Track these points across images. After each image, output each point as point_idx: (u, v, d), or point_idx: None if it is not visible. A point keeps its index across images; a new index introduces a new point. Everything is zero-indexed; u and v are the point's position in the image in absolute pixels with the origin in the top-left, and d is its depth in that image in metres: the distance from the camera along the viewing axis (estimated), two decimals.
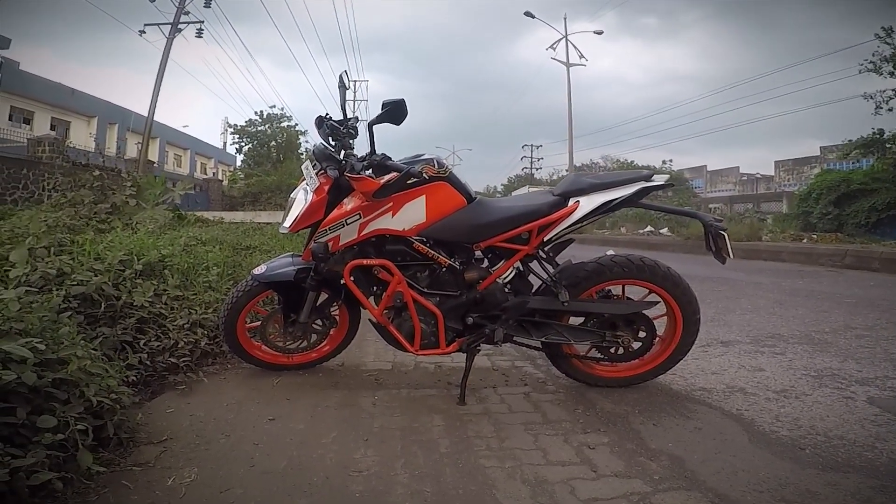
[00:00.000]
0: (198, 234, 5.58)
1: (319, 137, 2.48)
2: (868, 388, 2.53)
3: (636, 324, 2.46)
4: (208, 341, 2.86)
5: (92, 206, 6.31)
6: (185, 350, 2.69)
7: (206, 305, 3.10)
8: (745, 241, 11.71)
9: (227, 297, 2.74)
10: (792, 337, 3.57)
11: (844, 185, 17.04)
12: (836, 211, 17.02)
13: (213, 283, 3.48)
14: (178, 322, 2.82)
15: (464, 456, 1.88)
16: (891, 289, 5.95)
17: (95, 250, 3.17)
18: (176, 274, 3.32)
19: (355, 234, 2.34)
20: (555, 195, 2.37)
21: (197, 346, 2.77)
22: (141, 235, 4.21)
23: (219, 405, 2.31)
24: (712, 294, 5.38)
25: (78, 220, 5.32)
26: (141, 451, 1.86)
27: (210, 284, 3.45)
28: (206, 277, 3.53)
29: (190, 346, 2.73)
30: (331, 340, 2.82)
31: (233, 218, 11.89)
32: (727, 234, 2.31)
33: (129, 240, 3.80)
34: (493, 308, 2.42)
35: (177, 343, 2.69)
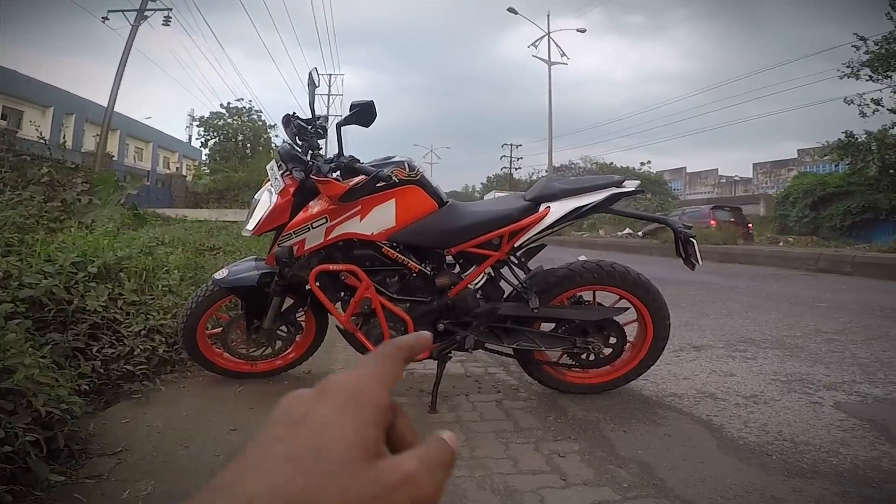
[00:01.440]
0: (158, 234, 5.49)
1: (286, 136, 2.48)
2: (835, 393, 2.62)
3: (607, 330, 2.51)
4: (167, 348, 2.82)
5: (41, 203, 6.15)
6: (142, 357, 2.65)
7: (165, 311, 3.05)
8: (722, 245, 11.96)
9: (186, 302, 2.71)
10: (764, 341, 3.68)
11: (820, 189, 17.56)
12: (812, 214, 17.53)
13: (173, 287, 3.44)
14: (135, 328, 2.77)
15: None
16: (862, 293, 6.15)
17: (46, 251, 3.10)
18: (133, 277, 3.26)
19: (321, 238, 2.34)
20: (526, 200, 2.40)
21: (154, 354, 2.73)
22: (96, 236, 4.13)
23: (177, 415, 2.28)
24: (688, 298, 5.49)
25: (27, 218, 5.19)
26: (94, 463, 1.83)
27: (170, 288, 3.41)
28: (165, 281, 3.48)
29: (147, 354, 2.69)
30: (297, 347, 2.81)
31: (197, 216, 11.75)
32: (696, 241, 2.37)
33: (83, 241, 3.73)
34: (464, 314, 2.44)
35: (132, 350, 2.65)
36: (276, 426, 0.29)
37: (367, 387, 0.31)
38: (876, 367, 3.06)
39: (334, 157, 2.34)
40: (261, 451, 0.28)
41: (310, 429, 0.29)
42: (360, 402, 0.30)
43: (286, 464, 0.27)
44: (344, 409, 0.30)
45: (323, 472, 0.27)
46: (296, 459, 0.27)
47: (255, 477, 0.27)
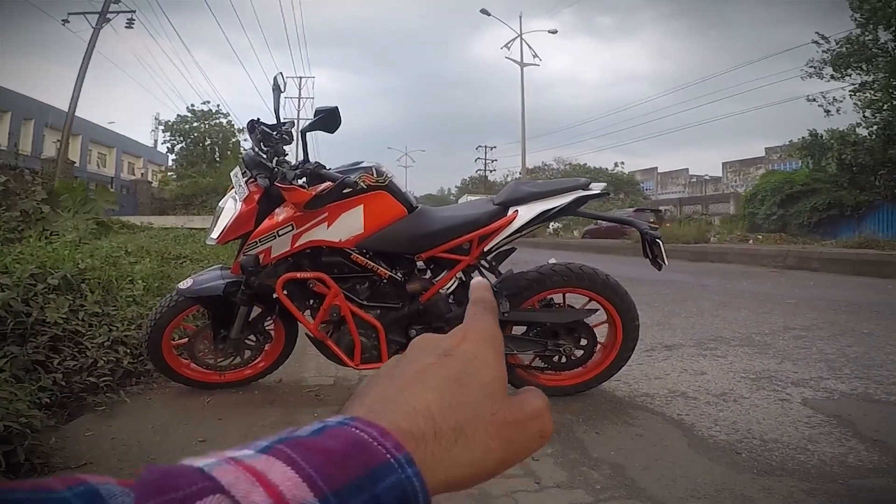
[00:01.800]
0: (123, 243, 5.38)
1: (251, 142, 2.46)
2: (803, 390, 2.69)
3: (577, 332, 2.53)
4: (132, 360, 2.78)
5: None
6: (106, 369, 2.60)
7: (130, 322, 3.01)
8: (693, 244, 12.17)
9: (151, 312, 2.67)
10: (734, 339, 3.75)
11: (787, 187, 18.02)
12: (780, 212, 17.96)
13: (137, 298, 3.38)
14: (98, 340, 2.73)
15: None
16: (828, 288, 6.32)
17: (2, 263, 3.02)
18: (96, 288, 3.20)
19: (288, 245, 2.32)
20: (495, 204, 2.42)
21: (119, 365, 2.69)
22: (56, 246, 4.03)
23: (144, 427, 2.24)
24: (659, 297, 5.58)
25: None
26: None
27: (134, 299, 3.35)
28: (130, 292, 3.42)
29: (111, 365, 2.64)
30: (266, 356, 2.78)
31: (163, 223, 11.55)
32: (662, 242, 2.41)
33: (43, 251, 3.64)
34: (436, 319, 2.44)
35: (95, 362, 2.60)
36: (427, 356, 0.34)
37: (495, 331, 0.37)
38: (842, 362, 3.14)
39: (299, 164, 2.32)
40: (420, 373, 0.32)
41: (461, 359, 0.33)
42: (494, 342, 0.36)
43: (449, 384, 0.31)
44: (485, 346, 0.35)
45: (479, 394, 0.32)
46: (456, 380, 0.32)
47: (424, 391, 0.31)
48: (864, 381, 2.80)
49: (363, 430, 0.27)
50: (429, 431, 0.29)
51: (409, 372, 0.32)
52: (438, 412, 0.30)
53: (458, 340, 0.35)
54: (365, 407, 0.30)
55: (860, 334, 3.84)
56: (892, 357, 3.23)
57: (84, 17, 19.15)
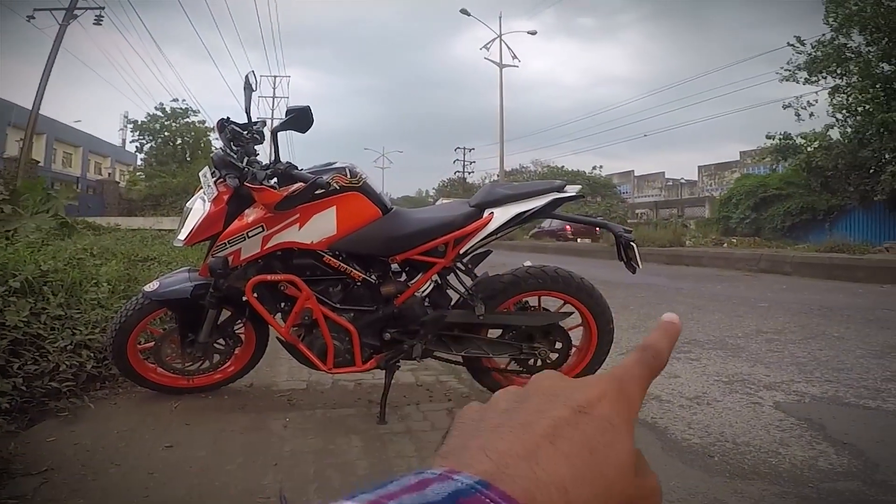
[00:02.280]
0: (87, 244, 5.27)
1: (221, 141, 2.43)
2: (774, 393, 2.74)
3: (552, 335, 2.55)
4: (96, 364, 2.73)
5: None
6: (68, 374, 2.55)
7: (94, 325, 2.95)
8: (669, 247, 12.36)
9: (115, 315, 2.62)
10: (707, 342, 3.82)
11: (762, 190, 18.36)
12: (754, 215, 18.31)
13: (102, 301, 3.31)
14: (60, 343, 2.66)
15: (383, 478, 1.87)
16: (800, 292, 6.46)
17: None
18: (59, 291, 3.13)
19: (258, 247, 2.30)
20: (471, 206, 2.42)
21: (82, 370, 2.64)
22: (18, 247, 3.93)
23: (108, 432, 2.21)
24: (635, 300, 5.65)
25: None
26: (17, 483, 1.75)
27: (99, 302, 3.28)
28: (94, 294, 3.35)
29: (74, 370, 2.59)
30: (236, 360, 2.74)
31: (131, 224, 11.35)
32: (636, 245, 2.44)
33: (3, 253, 3.55)
34: (411, 323, 2.44)
35: (58, 366, 2.54)
36: (557, 405, 0.30)
37: (640, 395, 0.32)
38: (813, 365, 3.22)
39: (270, 164, 2.30)
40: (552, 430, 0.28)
41: (599, 422, 0.29)
42: (633, 406, 0.31)
43: (583, 451, 0.28)
44: (625, 411, 0.30)
45: (613, 472, 0.28)
46: (591, 449, 0.28)
47: (557, 457, 0.27)
48: (835, 385, 2.86)
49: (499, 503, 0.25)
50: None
51: (539, 425, 0.28)
52: (572, 487, 0.26)
53: (597, 396, 0.30)
54: (491, 462, 0.26)
55: (831, 338, 3.94)
56: (861, 360, 3.32)
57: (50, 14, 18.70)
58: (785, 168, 17.63)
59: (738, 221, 18.80)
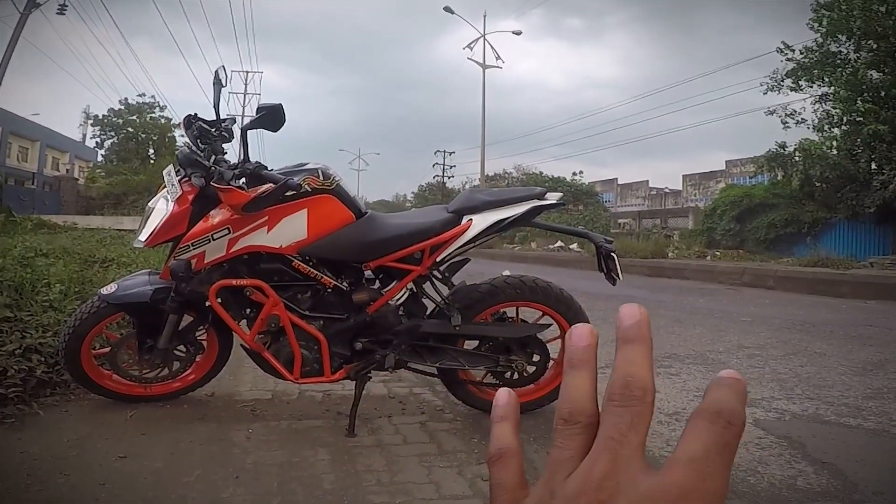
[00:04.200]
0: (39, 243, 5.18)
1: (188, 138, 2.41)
2: (755, 410, 2.79)
3: (530, 347, 2.56)
4: (46, 369, 2.67)
5: None
6: (17, 379, 2.49)
7: (45, 328, 2.90)
8: (652, 259, 12.52)
9: (69, 319, 2.57)
10: (688, 357, 3.87)
11: (747, 201, 18.66)
12: (738, 227, 18.59)
13: (54, 303, 3.26)
14: (8, 347, 2.62)
15: (350, 492, 1.88)
16: (783, 307, 6.59)
17: None
18: (6, 291, 3.06)
19: (223, 250, 2.28)
20: (449, 212, 2.43)
21: (31, 375, 2.58)
22: None
23: (58, 441, 2.18)
24: (615, 313, 5.68)
25: None
26: None
27: (51, 304, 3.23)
28: (46, 296, 3.29)
29: (22, 375, 2.53)
30: (197, 368, 2.71)
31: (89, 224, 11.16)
32: (617, 256, 2.47)
33: None
34: (384, 332, 2.43)
35: (5, 371, 2.49)
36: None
37: (720, 483, 0.26)
38: (794, 382, 3.28)
39: (239, 164, 2.29)
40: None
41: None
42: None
43: None
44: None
45: None
46: None
47: None
48: (815, 402, 2.92)
49: None
50: None
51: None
52: None
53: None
54: None
55: (813, 354, 4.02)
56: (843, 378, 3.39)
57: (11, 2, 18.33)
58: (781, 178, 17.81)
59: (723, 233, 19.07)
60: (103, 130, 35.90)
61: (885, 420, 2.68)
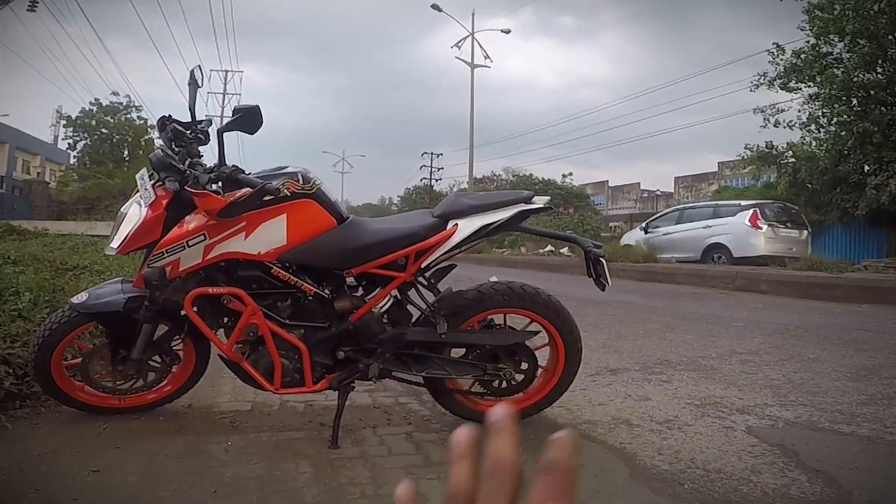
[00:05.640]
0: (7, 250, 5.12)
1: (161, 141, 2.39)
2: (748, 417, 2.81)
3: (518, 355, 2.56)
4: (15, 380, 2.63)
5: None
6: None
7: (13, 338, 2.86)
8: (643, 263, 12.57)
9: (39, 329, 2.54)
10: (680, 363, 3.89)
11: None
12: None
13: (23, 312, 3.22)
14: None
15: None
16: (776, 311, 6.65)
17: None
18: None
19: (199, 257, 2.27)
20: (434, 216, 2.44)
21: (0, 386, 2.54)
22: None
23: (27, 455, 2.16)
24: (606, 318, 5.73)
25: None
26: None
27: (20, 313, 3.19)
28: (14, 304, 3.25)
29: None
30: (173, 379, 2.69)
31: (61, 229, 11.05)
32: (605, 261, 2.49)
33: None
34: (367, 340, 2.43)
35: None
36: None
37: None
38: (787, 388, 3.30)
39: (214, 167, 2.27)
40: None
41: None
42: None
43: None
44: None
45: None
46: None
47: None
48: (809, 409, 2.95)
49: None
50: None
51: None
52: None
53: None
54: None
55: (806, 359, 4.05)
56: (836, 384, 3.42)
57: None
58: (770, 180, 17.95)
59: None
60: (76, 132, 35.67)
61: (879, 427, 2.70)
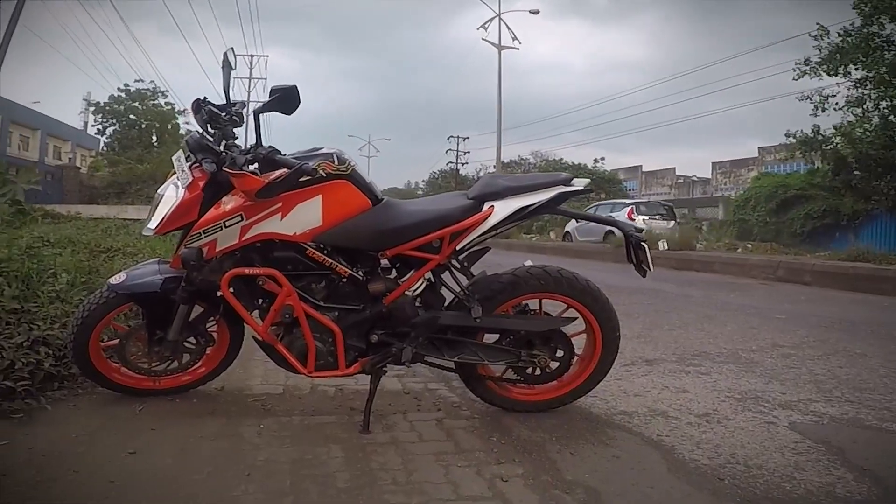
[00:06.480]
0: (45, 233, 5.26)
1: (197, 123, 2.42)
2: (790, 413, 2.76)
3: (553, 342, 2.56)
4: (54, 362, 2.71)
5: None
6: (24, 372, 2.53)
7: (52, 320, 2.94)
8: (678, 251, 12.40)
9: (77, 310, 2.61)
10: (719, 355, 3.84)
11: (782, 191, 18.39)
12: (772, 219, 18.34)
13: (61, 294, 3.31)
14: (16, 339, 2.66)
15: (365, 491, 1.89)
16: (820, 304, 6.51)
17: None
18: (14, 282, 3.12)
19: (236, 238, 2.30)
20: (469, 198, 2.43)
21: (39, 368, 2.62)
22: None
23: (66, 436, 2.21)
24: (641, 307, 5.68)
25: None
26: None
27: (58, 294, 3.28)
28: (52, 286, 3.35)
29: (30, 368, 2.57)
30: (207, 361, 2.74)
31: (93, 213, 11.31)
32: (647, 246, 2.46)
33: None
34: (400, 324, 2.44)
35: (13, 364, 2.53)
36: None
37: None
38: (833, 384, 3.24)
39: (251, 148, 2.30)
40: None
41: None
42: None
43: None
44: None
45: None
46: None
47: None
48: (856, 406, 2.88)
49: None
50: None
51: None
52: None
53: None
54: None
55: (853, 354, 3.96)
56: (885, 380, 3.34)
57: None
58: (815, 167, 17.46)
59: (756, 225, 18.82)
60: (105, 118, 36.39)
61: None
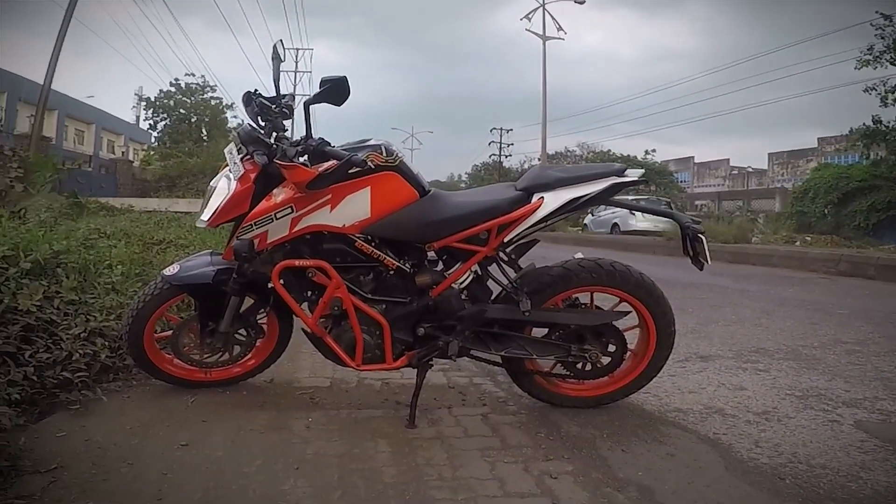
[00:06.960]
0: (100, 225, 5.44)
1: (247, 116, 2.46)
2: (856, 411, 2.67)
3: (605, 336, 2.52)
4: (109, 353, 2.78)
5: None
6: (81, 363, 2.59)
7: (108, 311, 3.02)
8: (734, 244, 12.10)
9: (132, 301, 2.68)
10: (778, 352, 3.73)
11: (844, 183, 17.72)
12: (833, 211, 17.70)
13: (116, 285, 3.40)
14: (74, 330, 2.73)
15: (412, 486, 1.90)
16: (886, 299, 6.27)
17: None
18: (72, 273, 3.22)
19: (286, 230, 2.33)
20: (518, 189, 2.41)
21: (95, 359, 2.69)
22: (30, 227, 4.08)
23: (120, 428, 2.26)
24: (694, 302, 5.56)
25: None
26: (24, 482, 1.80)
27: (113, 286, 3.37)
28: (108, 278, 3.45)
29: (87, 359, 2.64)
30: (257, 353, 2.79)
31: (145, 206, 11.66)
32: (705, 238, 2.39)
33: (15, 232, 3.67)
34: (447, 317, 2.44)
35: (71, 355, 2.59)
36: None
37: None
38: None
39: (301, 140, 2.32)
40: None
41: None
42: None
43: None
44: None
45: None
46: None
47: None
48: None
49: None
50: None
51: None
52: None
53: None
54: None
55: None
56: None
57: None
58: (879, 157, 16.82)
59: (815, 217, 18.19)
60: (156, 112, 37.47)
61: None
